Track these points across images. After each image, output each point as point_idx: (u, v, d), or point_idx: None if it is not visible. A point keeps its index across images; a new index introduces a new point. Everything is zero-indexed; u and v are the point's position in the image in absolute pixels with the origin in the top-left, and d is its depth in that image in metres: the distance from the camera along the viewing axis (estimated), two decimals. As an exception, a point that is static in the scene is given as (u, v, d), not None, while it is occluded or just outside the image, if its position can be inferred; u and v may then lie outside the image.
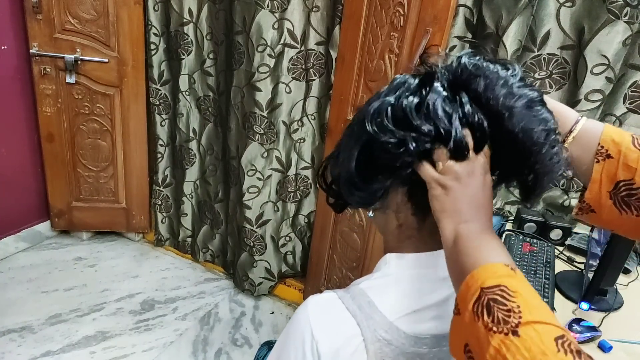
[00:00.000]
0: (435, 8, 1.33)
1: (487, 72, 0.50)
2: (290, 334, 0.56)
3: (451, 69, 0.52)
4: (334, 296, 0.56)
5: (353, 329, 0.53)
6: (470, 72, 0.51)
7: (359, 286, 0.57)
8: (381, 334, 0.53)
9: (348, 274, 1.84)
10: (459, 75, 0.51)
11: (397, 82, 0.55)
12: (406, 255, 0.59)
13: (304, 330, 0.54)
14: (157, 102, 2.12)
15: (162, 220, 2.34)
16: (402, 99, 0.52)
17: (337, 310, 0.54)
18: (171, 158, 2.24)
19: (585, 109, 1.41)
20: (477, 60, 0.52)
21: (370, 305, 0.54)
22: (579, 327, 1.06)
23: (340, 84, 1.67)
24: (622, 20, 1.28)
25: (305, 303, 0.56)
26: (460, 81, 0.51)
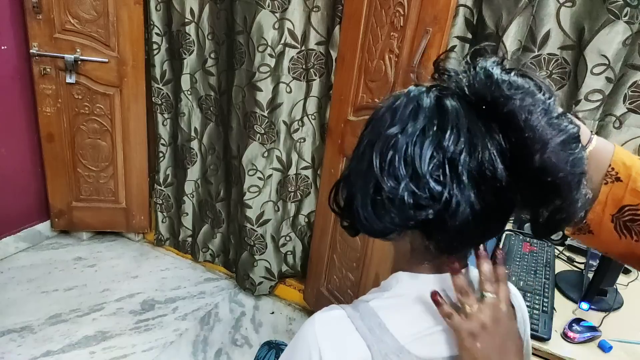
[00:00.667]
0: (435, 8, 1.33)
1: (523, 95, 0.42)
2: (296, 350, 0.54)
3: (476, 84, 0.44)
4: (342, 314, 0.54)
5: (363, 353, 0.51)
6: (501, 91, 0.43)
7: (368, 304, 0.55)
8: (392, 358, 0.51)
9: (348, 274, 1.84)
10: (485, 94, 0.44)
11: (410, 108, 0.47)
12: (420, 275, 0.56)
13: (311, 349, 0.52)
14: (159, 102, 2.12)
15: (163, 219, 2.34)
16: (415, 145, 0.45)
17: (347, 330, 0.52)
18: (172, 157, 2.24)
19: (585, 109, 1.41)
20: (508, 76, 0.44)
21: (381, 328, 0.52)
22: (579, 327, 1.06)
23: (340, 84, 1.67)
24: (622, 20, 1.28)
25: (312, 320, 0.54)
26: (487, 102, 0.44)
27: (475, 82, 0.45)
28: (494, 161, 0.44)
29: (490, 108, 0.44)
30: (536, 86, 0.45)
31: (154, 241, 2.40)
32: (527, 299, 1.14)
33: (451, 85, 0.47)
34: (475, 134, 0.44)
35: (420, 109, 0.47)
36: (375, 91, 1.56)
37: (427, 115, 0.46)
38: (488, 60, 0.45)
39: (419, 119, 0.46)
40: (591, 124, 1.43)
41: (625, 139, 1.43)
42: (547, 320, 1.08)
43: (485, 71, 0.44)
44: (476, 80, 0.45)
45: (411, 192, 0.45)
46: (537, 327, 1.05)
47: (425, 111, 0.46)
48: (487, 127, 0.44)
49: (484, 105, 0.44)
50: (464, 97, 0.46)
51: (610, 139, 1.44)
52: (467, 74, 0.46)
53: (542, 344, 1.03)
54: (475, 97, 0.45)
